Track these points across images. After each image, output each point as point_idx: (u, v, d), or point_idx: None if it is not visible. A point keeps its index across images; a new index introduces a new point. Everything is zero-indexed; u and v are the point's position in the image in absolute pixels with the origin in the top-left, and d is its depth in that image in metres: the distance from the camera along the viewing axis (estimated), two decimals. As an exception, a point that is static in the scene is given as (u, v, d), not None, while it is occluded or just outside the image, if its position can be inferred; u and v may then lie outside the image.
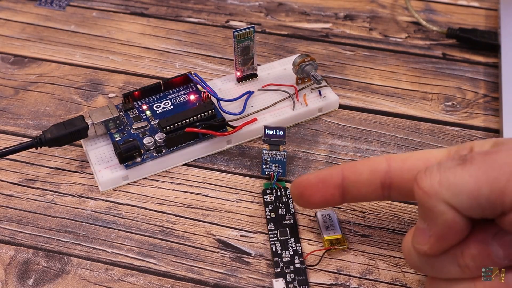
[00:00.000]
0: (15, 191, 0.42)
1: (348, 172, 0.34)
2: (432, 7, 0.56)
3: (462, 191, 0.28)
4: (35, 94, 0.48)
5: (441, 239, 0.30)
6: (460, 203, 0.28)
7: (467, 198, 0.28)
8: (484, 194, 0.28)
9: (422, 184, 0.29)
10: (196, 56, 0.52)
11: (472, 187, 0.28)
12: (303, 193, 0.35)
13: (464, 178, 0.28)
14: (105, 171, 0.41)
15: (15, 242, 0.39)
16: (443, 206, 0.29)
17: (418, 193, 0.29)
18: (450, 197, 0.28)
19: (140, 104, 0.44)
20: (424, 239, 0.30)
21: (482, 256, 0.29)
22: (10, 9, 0.56)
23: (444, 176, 0.29)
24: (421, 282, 0.37)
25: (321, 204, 0.36)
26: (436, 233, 0.30)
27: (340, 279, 0.37)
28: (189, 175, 0.43)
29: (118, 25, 0.54)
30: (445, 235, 0.30)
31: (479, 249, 0.29)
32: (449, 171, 0.29)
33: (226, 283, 0.37)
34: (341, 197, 0.35)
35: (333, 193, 0.34)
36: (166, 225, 0.40)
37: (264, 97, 0.46)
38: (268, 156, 0.42)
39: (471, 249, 0.30)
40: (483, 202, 0.28)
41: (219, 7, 0.56)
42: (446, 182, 0.28)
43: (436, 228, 0.29)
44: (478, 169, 0.28)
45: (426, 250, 0.31)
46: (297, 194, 0.36)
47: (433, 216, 0.29)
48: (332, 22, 0.55)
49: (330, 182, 0.34)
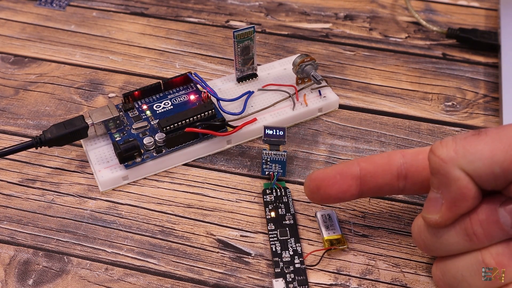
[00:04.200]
0: (15, 191, 0.42)
1: (365, 163, 0.35)
2: (432, 7, 0.56)
3: (477, 158, 0.29)
4: (35, 94, 0.48)
5: (453, 206, 0.30)
6: (475, 170, 0.29)
7: (482, 165, 0.29)
8: (498, 162, 0.29)
9: (438, 152, 0.30)
10: (196, 56, 0.52)
11: (488, 154, 0.29)
12: (320, 185, 0.35)
13: (480, 146, 0.29)
14: (105, 171, 0.41)
15: (15, 242, 0.39)
16: (458, 172, 0.29)
17: (434, 161, 0.30)
18: (465, 163, 0.29)
19: (140, 104, 0.44)
20: (436, 208, 0.31)
21: (490, 222, 0.30)
22: (10, 9, 0.56)
23: (460, 144, 0.30)
24: (421, 282, 0.37)
25: (337, 197, 0.35)
26: (449, 200, 0.30)
27: (340, 279, 0.37)
28: (189, 175, 0.43)
29: (118, 25, 0.54)
30: (457, 202, 0.30)
31: (487, 215, 0.30)
32: (465, 141, 0.30)
33: (226, 283, 0.37)
34: (358, 188, 0.35)
35: (350, 184, 0.35)
36: (166, 225, 0.40)
37: (264, 97, 0.46)
38: (268, 156, 0.42)
39: (480, 216, 0.30)
40: (497, 170, 0.29)
41: (219, 7, 0.56)
42: (462, 150, 0.30)
43: (449, 195, 0.30)
44: (493, 139, 0.29)
45: (437, 219, 0.31)
46: (313, 187, 0.35)
47: (448, 182, 0.30)
48: (332, 22, 0.55)
49: (348, 173, 0.35)
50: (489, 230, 0.30)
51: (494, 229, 0.30)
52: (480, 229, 0.30)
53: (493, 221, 0.30)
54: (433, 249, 0.33)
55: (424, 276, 0.37)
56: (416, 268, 0.37)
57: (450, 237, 0.32)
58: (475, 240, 0.31)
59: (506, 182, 0.29)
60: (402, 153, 0.35)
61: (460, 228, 0.31)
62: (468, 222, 0.31)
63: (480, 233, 0.31)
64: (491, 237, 0.31)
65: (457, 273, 0.32)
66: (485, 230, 0.30)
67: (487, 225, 0.30)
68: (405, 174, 0.34)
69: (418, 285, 0.36)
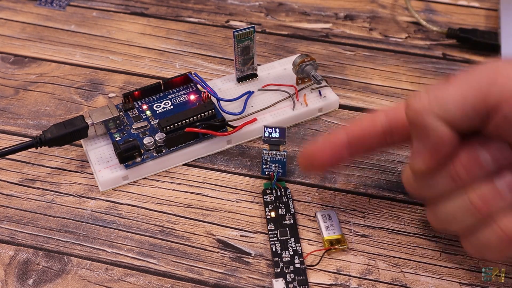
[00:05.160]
0: (15, 191, 0.42)
1: (351, 129, 0.37)
2: (432, 7, 0.56)
3: (450, 103, 0.31)
4: (35, 94, 0.48)
5: (434, 153, 0.32)
6: (449, 115, 0.31)
7: (455, 109, 0.30)
8: (470, 102, 0.30)
9: (412, 104, 0.32)
10: (196, 56, 0.52)
11: (459, 97, 0.30)
12: (313, 155, 0.37)
13: (451, 91, 0.31)
14: (105, 171, 0.41)
15: (15, 242, 0.39)
16: (434, 120, 0.31)
17: (410, 114, 0.32)
18: (440, 110, 0.31)
19: (140, 104, 0.44)
20: (419, 157, 0.33)
21: (471, 162, 0.32)
22: (10, 9, 0.56)
23: (432, 94, 0.31)
24: (421, 282, 0.37)
25: (331, 162, 0.37)
26: (429, 148, 0.32)
27: (340, 279, 0.37)
28: (189, 175, 0.43)
29: (118, 25, 0.54)
30: (437, 149, 0.32)
31: (468, 157, 0.32)
32: (436, 89, 0.31)
33: (226, 283, 0.37)
34: (347, 153, 0.37)
35: (340, 152, 0.37)
36: (166, 225, 0.40)
37: (264, 97, 0.46)
38: (268, 156, 0.42)
39: (461, 158, 0.32)
40: (470, 111, 0.30)
41: (219, 7, 0.56)
42: (434, 99, 0.31)
43: (429, 143, 0.32)
44: (462, 82, 0.31)
45: (421, 167, 0.33)
46: (307, 159, 0.37)
47: (426, 131, 0.32)
48: (332, 22, 0.55)
49: (336, 139, 0.37)
50: (471, 170, 0.32)
51: (476, 168, 0.32)
52: (463, 170, 0.32)
53: (474, 161, 0.32)
54: (422, 193, 0.35)
55: (424, 276, 0.37)
56: (416, 268, 0.37)
57: (436, 182, 0.33)
58: (458, 181, 0.32)
59: (480, 121, 0.31)
60: (384, 112, 0.36)
61: (445, 172, 0.32)
62: (451, 165, 0.32)
63: (463, 174, 0.32)
64: (474, 176, 0.32)
65: (447, 214, 0.34)
66: (467, 170, 0.32)
67: (468, 165, 0.32)
68: (390, 130, 0.36)
69: (418, 285, 0.36)
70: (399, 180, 0.42)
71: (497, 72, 0.30)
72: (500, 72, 0.30)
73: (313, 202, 0.41)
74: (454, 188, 0.33)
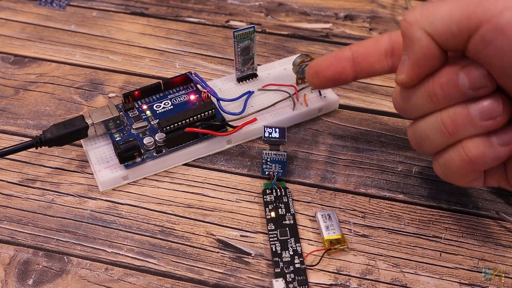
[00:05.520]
0: (15, 191, 0.42)
1: (356, 46, 0.39)
2: (432, 7, 0.56)
3: (437, 18, 0.32)
4: (35, 94, 0.48)
5: (416, 66, 0.33)
6: (435, 29, 0.32)
7: (441, 24, 0.32)
8: (455, 19, 0.31)
9: (406, 17, 0.33)
10: (196, 56, 0.52)
11: (446, 13, 0.31)
12: (318, 70, 0.39)
13: (441, 7, 0.32)
14: (105, 171, 0.41)
15: (15, 242, 0.39)
16: (420, 33, 0.32)
17: (402, 24, 0.33)
18: (427, 24, 0.32)
19: (140, 104, 0.44)
20: (403, 68, 0.34)
21: (449, 84, 0.33)
22: (10, 9, 0.56)
23: (425, 8, 0.33)
24: (421, 282, 0.37)
25: (335, 79, 0.39)
26: (413, 60, 0.33)
27: (340, 279, 0.37)
28: (189, 175, 0.43)
29: (118, 25, 0.54)
30: (419, 62, 0.33)
31: (447, 78, 0.33)
32: (430, 4, 0.33)
33: (226, 283, 0.37)
34: (352, 69, 0.39)
35: (344, 66, 0.39)
36: (166, 225, 0.40)
37: (264, 97, 0.46)
38: (268, 156, 0.42)
39: (441, 78, 0.33)
40: (454, 27, 0.31)
41: (219, 7, 0.56)
42: (426, 13, 0.32)
43: (413, 55, 0.33)
44: (454, 1, 0.32)
45: (403, 78, 0.34)
46: (313, 73, 0.40)
47: (412, 43, 0.33)
48: (332, 22, 0.55)
49: (341, 56, 0.39)
50: (448, 91, 0.33)
51: (452, 90, 0.33)
52: (440, 90, 0.33)
53: (452, 83, 0.33)
54: (405, 111, 0.36)
55: (424, 276, 0.37)
56: (416, 268, 0.37)
57: (416, 99, 0.34)
58: (435, 100, 0.33)
59: (463, 40, 0.31)
60: (389, 34, 0.38)
61: (424, 90, 0.34)
62: (431, 84, 0.33)
63: (440, 94, 0.33)
64: (450, 98, 0.33)
65: (422, 132, 0.35)
66: (444, 91, 0.33)
67: (446, 87, 0.33)
68: (391, 52, 0.38)
69: (418, 285, 0.36)
70: (399, 180, 0.42)
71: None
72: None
73: (313, 202, 0.41)
74: (431, 107, 0.34)
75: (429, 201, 0.41)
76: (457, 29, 0.31)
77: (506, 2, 0.30)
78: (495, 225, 0.39)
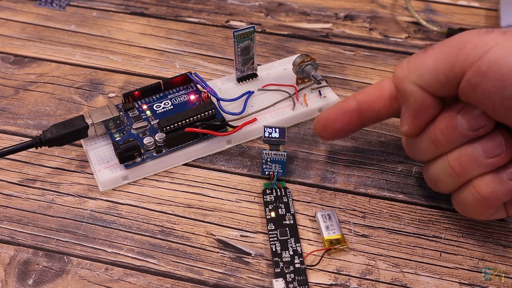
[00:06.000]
0: (15, 191, 0.42)
1: (360, 95, 0.40)
2: (432, 7, 0.56)
3: (424, 71, 0.33)
4: (35, 94, 0.48)
5: (415, 117, 0.35)
6: (424, 81, 0.34)
7: (429, 76, 0.33)
8: (441, 69, 0.33)
9: (396, 72, 0.35)
10: (196, 56, 0.52)
11: (432, 65, 0.33)
12: (326, 124, 0.40)
13: (426, 59, 0.34)
14: (105, 171, 0.41)
15: (15, 242, 0.39)
16: (412, 87, 0.34)
17: (394, 81, 0.35)
18: (416, 77, 0.34)
19: (140, 104, 0.44)
20: (404, 120, 0.36)
21: (449, 128, 0.34)
22: (10, 9, 0.56)
23: (411, 62, 0.34)
24: (421, 282, 0.37)
25: (343, 130, 0.40)
26: (410, 112, 0.35)
27: (340, 279, 0.37)
28: (189, 175, 0.43)
29: (118, 25, 0.54)
30: (417, 113, 0.35)
31: (446, 123, 0.34)
32: (415, 58, 0.35)
33: (226, 283, 0.37)
34: (359, 119, 0.39)
35: (351, 116, 0.39)
36: (166, 225, 0.40)
37: (264, 97, 0.46)
38: (268, 156, 0.42)
39: (441, 124, 0.35)
40: (441, 77, 0.33)
41: (219, 7, 0.56)
42: (412, 66, 0.34)
43: (410, 107, 0.35)
44: (436, 51, 0.33)
45: (406, 129, 0.36)
46: (321, 127, 0.40)
47: (406, 96, 0.35)
48: (332, 22, 0.55)
49: (347, 107, 0.40)
50: (449, 135, 0.34)
51: (453, 134, 0.34)
52: (442, 135, 0.35)
53: (452, 127, 0.34)
54: (415, 156, 0.38)
55: (424, 276, 0.37)
56: (416, 268, 0.37)
57: (422, 145, 0.36)
58: (439, 145, 0.35)
59: (452, 87, 0.33)
60: (391, 78, 0.38)
61: (427, 136, 0.35)
62: (432, 131, 0.35)
63: (442, 139, 0.35)
64: (452, 141, 0.35)
65: (434, 175, 0.37)
66: (445, 136, 0.34)
67: (447, 131, 0.34)
68: (395, 95, 0.38)
69: (418, 285, 0.36)
70: (399, 180, 0.42)
71: (466, 41, 0.32)
72: (469, 40, 0.32)
73: (313, 202, 0.41)
74: (437, 152, 0.36)
75: (429, 201, 0.41)
76: (445, 78, 0.33)
77: (484, 47, 0.31)
78: (495, 225, 0.39)
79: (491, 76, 0.31)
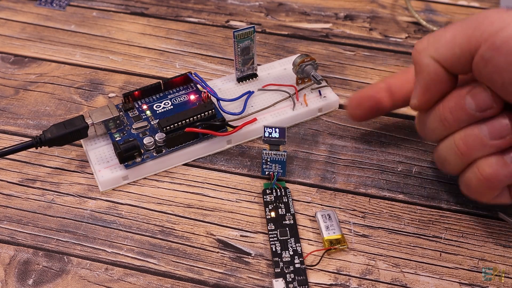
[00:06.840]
0: (15, 191, 0.42)
1: (389, 78, 0.42)
2: (432, 7, 0.56)
3: (442, 44, 0.34)
4: (35, 94, 0.48)
5: (425, 90, 0.36)
6: (440, 55, 0.34)
7: (445, 49, 0.34)
8: (458, 44, 0.34)
9: (416, 46, 0.36)
10: (196, 56, 0.52)
11: (449, 38, 0.34)
12: (360, 102, 0.42)
13: (445, 33, 0.35)
14: (105, 171, 0.41)
15: (15, 242, 0.39)
16: (427, 59, 0.35)
17: (413, 54, 0.36)
18: (433, 51, 0.35)
19: (140, 104, 0.44)
20: (415, 94, 0.37)
21: (457, 107, 0.35)
22: (10, 9, 0.56)
23: (432, 36, 0.35)
24: (421, 282, 0.37)
25: (376, 109, 0.42)
26: (422, 85, 0.36)
27: (340, 279, 0.37)
28: (189, 175, 0.43)
29: (118, 25, 0.54)
30: (428, 86, 0.36)
31: (455, 102, 0.35)
32: (436, 32, 0.35)
33: (226, 283, 0.37)
34: (390, 98, 0.41)
35: (382, 96, 0.41)
36: (166, 225, 0.40)
37: (264, 97, 0.46)
38: (268, 156, 0.42)
39: (449, 102, 0.35)
40: (457, 51, 0.34)
41: (219, 7, 0.56)
42: (432, 40, 0.35)
43: (422, 80, 0.36)
44: (456, 27, 0.34)
45: (415, 103, 0.37)
46: (354, 105, 0.42)
47: (420, 69, 0.36)
48: (332, 22, 0.55)
49: (378, 87, 0.42)
50: (457, 115, 0.35)
51: (461, 113, 0.35)
52: (450, 114, 0.35)
53: (460, 106, 0.35)
54: (425, 135, 0.39)
55: (424, 276, 0.37)
56: (416, 268, 0.37)
57: (431, 123, 0.37)
58: (446, 124, 0.36)
59: (466, 61, 0.34)
60: None
61: (436, 114, 0.36)
62: (441, 109, 0.36)
63: (449, 118, 0.35)
64: (459, 121, 0.35)
65: (441, 154, 0.37)
66: (453, 115, 0.35)
67: (455, 110, 0.35)
68: None
69: (418, 285, 0.36)
70: (399, 180, 0.42)
71: (485, 17, 0.33)
72: (487, 17, 0.33)
73: (313, 202, 0.41)
74: (445, 131, 0.36)
75: (429, 201, 0.41)
76: (460, 51, 0.33)
77: (501, 23, 0.32)
78: (495, 225, 0.39)
79: (504, 51, 0.32)
